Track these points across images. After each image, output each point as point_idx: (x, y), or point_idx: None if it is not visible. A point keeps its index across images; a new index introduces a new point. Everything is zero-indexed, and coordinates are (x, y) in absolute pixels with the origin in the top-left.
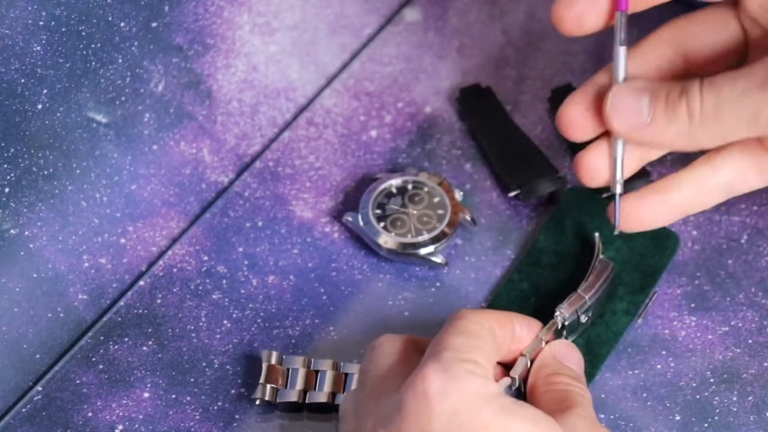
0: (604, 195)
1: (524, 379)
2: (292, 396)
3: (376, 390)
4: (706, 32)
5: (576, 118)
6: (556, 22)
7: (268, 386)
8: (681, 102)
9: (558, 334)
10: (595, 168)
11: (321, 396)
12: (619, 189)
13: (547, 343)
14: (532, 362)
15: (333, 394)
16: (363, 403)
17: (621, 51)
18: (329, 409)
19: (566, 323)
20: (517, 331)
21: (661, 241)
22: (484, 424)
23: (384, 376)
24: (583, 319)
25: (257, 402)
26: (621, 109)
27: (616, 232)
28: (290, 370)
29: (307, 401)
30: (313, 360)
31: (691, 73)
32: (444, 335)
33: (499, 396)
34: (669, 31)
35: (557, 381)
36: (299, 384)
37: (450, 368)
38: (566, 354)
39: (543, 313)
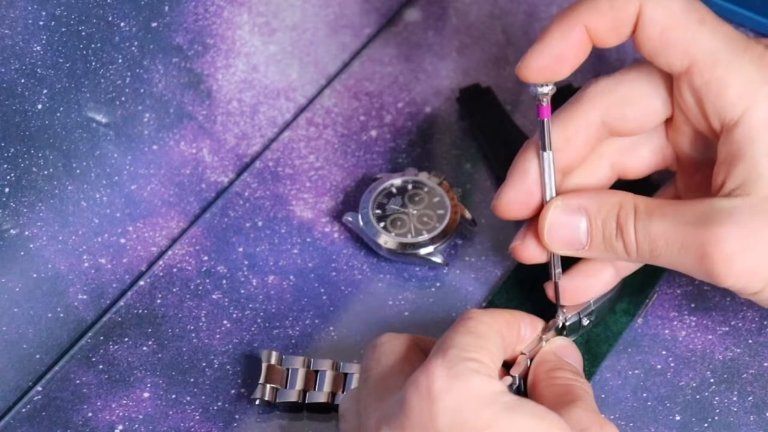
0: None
1: (524, 377)
2: (292, 396)
3: (378, 388)
4: (632, 101)
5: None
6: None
7: (268, 386)
8: (618, 241)
9: (558, 333)
10: (533, 256)
11: (320, 396)
12: (557, 277)
13: (546, 341)
14: (531, 360)
15: (332, 394)
16: (365, 401)
17: (547, 156)
18: (329, 409)
19: (567, 323)
20: (522, 331)
21: None
22: (488, 421)
23: (387, 374)
24: (585, 322)
25: (257, 402)
26: (558, 236)
27: (559, 315)
28: (290, 370)
29: (306, 401)
30: (312, 360)
31: (615, 134)
32: (451, 334)
33: (503, 394)
34: (592, 104)
35: (559, 376)
36: (299, 384)
37: (454, 366)
38: (565, 351)
39: (543, 315)
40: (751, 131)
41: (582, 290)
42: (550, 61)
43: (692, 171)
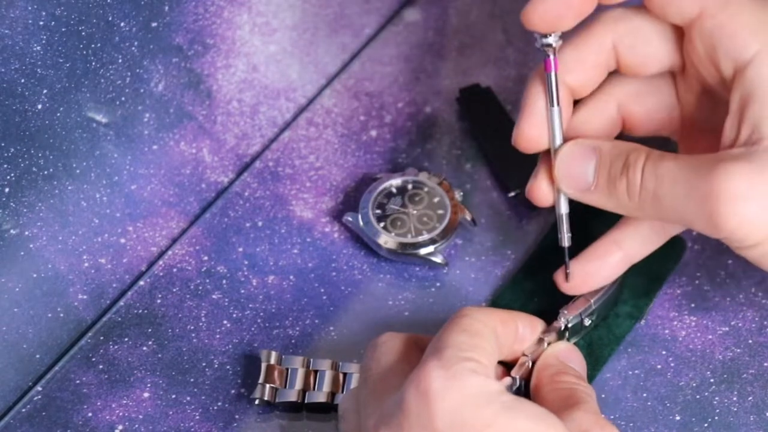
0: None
1: (525, 379)
2: (292, 396)
3: (378, 388)
4: (645, 34)
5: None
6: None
7: (267, 386)
8: (622, 179)
9: (560, 335)
10: (544, 198)
11: (320, 396)
12: (567, 242)
13: (549, 344)
14: (533, 363)
15: (332, 394)
16: (365, 401)
17: (555, 112)
18: (328, 408)
19: (569, 325)
20: (520, 331)
21: (668, 246)
22: (487, 422)
23: (386, 374)
24: (587, 322)
25: (256, 402)
26: (569, 173)
27: (566, 288)
28: (289, 370)
29: (306, 401)
30: (312, 360)
31: (622, 68)
32: (446, 333)
33: (501, 394)
34: (605, 27)
35: (562, 380)
36: (298, 384)
37: (451, 366)
38: (568, 356)
39: (547, 314)
40: (765, 68)
41: (591, 274)
42: (556, 7)
43: (697, 137)
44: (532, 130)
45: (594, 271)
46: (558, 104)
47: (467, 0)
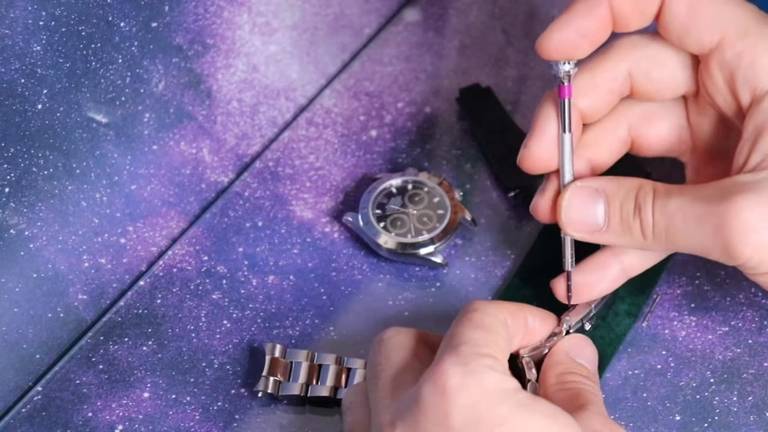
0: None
1: (525, 380)
2: (295, 389)
3: (391, 385)
4: (661, 61)
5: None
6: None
7: (271, 379)
8: (636, 221)
9: None
10: (550, 215)
11: (323, 390)
12: (570, 266)
13: (549, 349)
14: (536, 364)
15: (335, 389)
16: (377, 397)
17: (566, 138)
18: (331, 403)
19: (571, 331)
20: (530, 324)
21: None
22: (502, 419)
23: (398, 371)
24: (587, 326)
25: (259, 394)
26: (576, 219)
27: (568, 302)
28: (293, 364)
29: (309, 395)
30: (316, 354)
31: (636, 93)
32: (460, 328)
33: (517, 391)
34: (621, 53)
35: (569, 380)
36: (302, 377)
37: (468, 363)
38: (581, 349)
39: None
40: None
41: (589, 286)
42: (571, 37)
43: (705, 161)
44: (542, 153)
45: (592, 283)
46: (570, 131)
47: (467, 0)
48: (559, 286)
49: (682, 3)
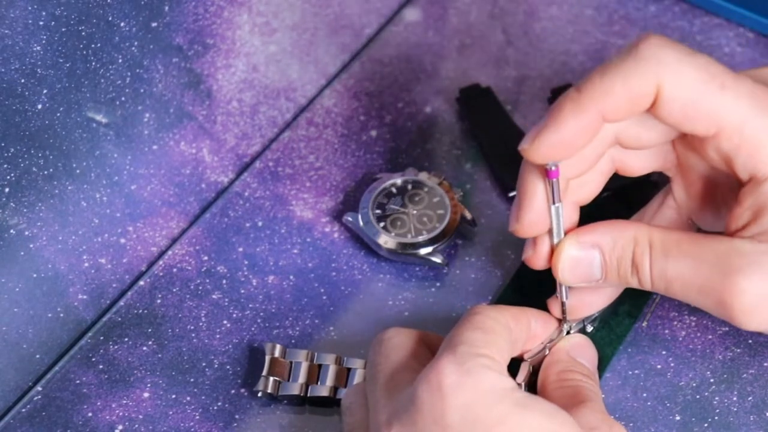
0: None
1: (528, 382)
2: (295, 389)
3: (388, 384)
4: (651, 126)
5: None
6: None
7: (271, 379)
8: (633, 278)
9: None
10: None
11: (323, 390)
12: (565, 297)
13: (549, 350)
14: (535, 366)
15: (335, 389)
16: (375, 396)
17: (557, 207)
18: (331, 403)
19: (572, 332)
20: (533, 327)
21: None
22: (500, 418)
23: (396, 371)
24: (589, 328)
25: (259, 394)
26: (573, 272)
27: (564, 326)
28: (293, 363)
29: (309, 395)
30: (316, 354)
31: (624, 147)
32: (460, 330)
33: (514, 390)
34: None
35: (569, 378)
36: (302, 377)
37: (465, 362)
38: (581, 348)
39: None
40: None
41: (586, 305)
42: (559, 145)
43: (693, 180)
44: (534, 224)
45: (590, 301)
46: (560, 201)
47: (467, 0)
48: (553, 308)
49: (676, 101)
